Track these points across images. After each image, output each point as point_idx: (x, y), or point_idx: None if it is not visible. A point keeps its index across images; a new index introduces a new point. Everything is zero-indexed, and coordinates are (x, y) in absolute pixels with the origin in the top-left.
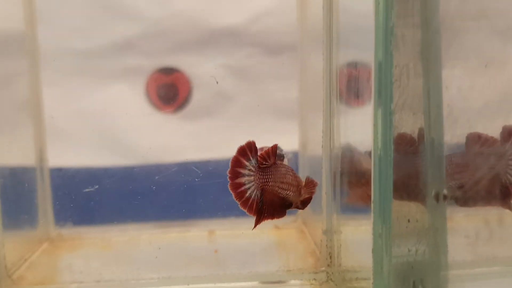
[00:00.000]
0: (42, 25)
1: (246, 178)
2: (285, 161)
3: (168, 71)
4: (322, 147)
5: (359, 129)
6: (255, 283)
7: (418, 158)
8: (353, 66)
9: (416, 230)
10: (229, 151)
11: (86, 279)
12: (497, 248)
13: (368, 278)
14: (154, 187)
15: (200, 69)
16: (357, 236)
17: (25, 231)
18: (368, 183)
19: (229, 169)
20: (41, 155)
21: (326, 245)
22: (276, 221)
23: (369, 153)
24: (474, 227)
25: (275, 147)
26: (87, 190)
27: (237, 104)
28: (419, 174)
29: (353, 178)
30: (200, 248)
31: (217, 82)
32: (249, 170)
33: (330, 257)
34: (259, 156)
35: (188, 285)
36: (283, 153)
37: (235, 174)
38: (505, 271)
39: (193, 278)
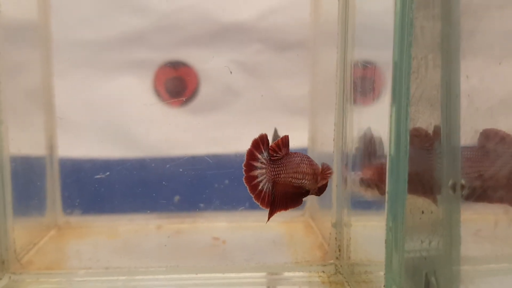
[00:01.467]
0: (55, 16)
1: (259, 171)
2: None
3: (177, 65)
4: (333, 140)
5: (374, 123)
6: (263, 274)
7: (434, 149)
8: (369, 63)
9: (430, 221)
10: (236, 145)
11: (94, 265)
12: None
13: (378, 271)
14: (163, 180)
15: (208, 63)
16: (367, 229)
17: (33, 218)
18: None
19: (244, 162)
20: (51, 144)
21: (336, 238)
22: (283, 215)
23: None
24: (487, 223)
25: (286, 138)
26: (98, 176)
27: (246, 99)
28: (436, 165)
29: (371, 155)
30: (208, 238)
31: (231, 72)
32: (261, 163)
33: (339, 250)
34: (270, 148)
35: (196, 274)
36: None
37: (249, 167)
38: None
39: (201, 267)
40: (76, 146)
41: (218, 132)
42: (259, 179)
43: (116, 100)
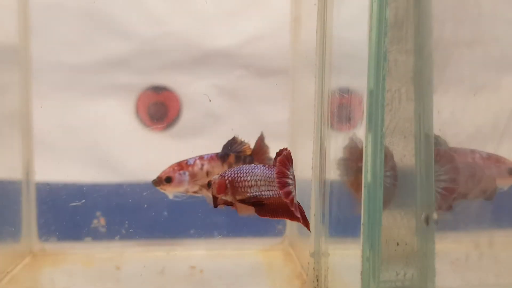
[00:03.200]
0: (35, 38)
1: (291, 186)
2: None
3: (159, 90)
4: (312, 168)
5: None
6: None
7: (408, 180)
8: (345, 91)
9: (405, 253)
10: None
11: None
12: (485, 275)
13: None
14: (140, 207)
15: (190, 88)
16: (345, 259)
17: (7, 244)
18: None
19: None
20: (28, 169)
21: (314, 268)
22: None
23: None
24: (462, 252)
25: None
26: (73, 204)
27: (227, 124)
28: (410, 196)
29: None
30: (186, 267)
31: (210, 100)
32: (290, 178)
33: (317, 280)
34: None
35: None
36: None
37: (282, 184)
38: None
39: None
40: (53, 171)
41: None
42: (293, 194)
43: (97, 124)
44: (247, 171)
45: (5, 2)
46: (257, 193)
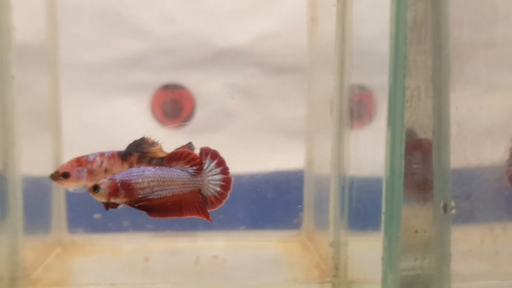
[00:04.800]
0: (61, 39)
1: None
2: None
3: (174, 88)
4: (330, 163)
5: (371, 146)
6: None
7: (427, 171)
8: (365, 88)
9: (423, 240)
10: (231, 167)
11: (101, 282)
12: (498, 262)
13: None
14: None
15: (205, 86)
16: (364, 249)
17: (40, 236)
18: None
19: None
20: (58, 165)
21: (333, 257)
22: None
23: None
24: (477, 241)
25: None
26: None
27: (241, 121)
28: (429, 186)
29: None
30: (209, 257)
31: (233, 98)
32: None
33: (336, 269)
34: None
35: None
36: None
37: None
38: (505, 285)
39: (206, 284)
40: None
41: None
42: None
43: (114, 122)
44: (138, 173)
45: (34, 3)
46: (149, 194)
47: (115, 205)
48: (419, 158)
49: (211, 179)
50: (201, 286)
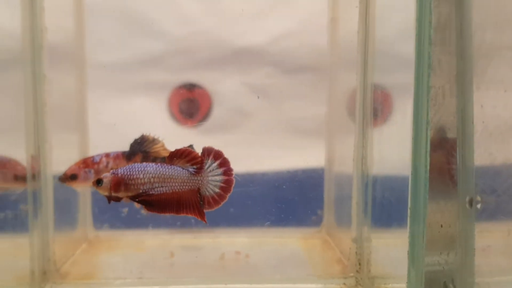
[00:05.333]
0: (88, 39)
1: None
2: None
3: (191, 87)
4: (353, 161)
5: (395, 143)
6: (289, 285)
7: (452, 167)
8: (389, 87)
9: (448, 234)
10: (248, 165)
11: (128, 276)
12: None
13: (397, 283)
14: None
15: (222, 85)
16: (387, 244)
17: (68, 232)
18: None
19: None
20: None
21: (356, 253)
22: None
23: None
24: (501, 235)
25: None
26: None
27: (258, 120)
28: (454, 182)
29: None
30: (232, 253)
31: (258, 97)
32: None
33: (359, 264)
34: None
35: (226, 284)
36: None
37: None
38: None
39: (230, 278)
40: None
41: (228, 152)
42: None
43: (133, 120)
44: (140, 169)
45: (64, 4)
46: (149, 189)
47: (117, 199)
48: (444, 155)
49: (211, 180)
50: (228, 279)
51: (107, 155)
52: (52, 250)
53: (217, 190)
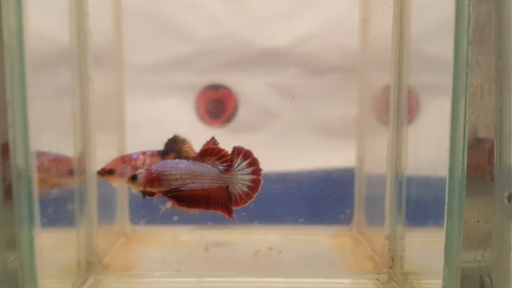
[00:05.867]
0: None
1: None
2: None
3: (217, 88)
4: (386, 160)
5: (431, 142)
6: (322, 280)
7: (490, 164)
8: (424, 87)
9: (484, 231)
10: (274, 164)
11: (167, 268)
12: None
13: (431, 279)
14: None
15: (248, 86)
16: (421, 241)
17: (108, 226)
18: None
19: None
20: None
21: (389, 249)
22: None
23: None
24: None
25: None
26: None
27: (283, 120)
28: (491, 178)
29: None
30: (265, 249)
31: (293, 96)
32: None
33: (392, 260)
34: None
35: (261, 278)
36: None
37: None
38: None
39: (264, 272)
40: None
41: (254, 152)
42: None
43: (161, 121)
44: (172, 165)
45: (105, 9)
46: (181, 185)
47: (151, 194)
48: (482, 152)
49: (240, 178)
50: (263, 273)
51: (144, 153)
52: (96, 243)
53: (245, 189)
